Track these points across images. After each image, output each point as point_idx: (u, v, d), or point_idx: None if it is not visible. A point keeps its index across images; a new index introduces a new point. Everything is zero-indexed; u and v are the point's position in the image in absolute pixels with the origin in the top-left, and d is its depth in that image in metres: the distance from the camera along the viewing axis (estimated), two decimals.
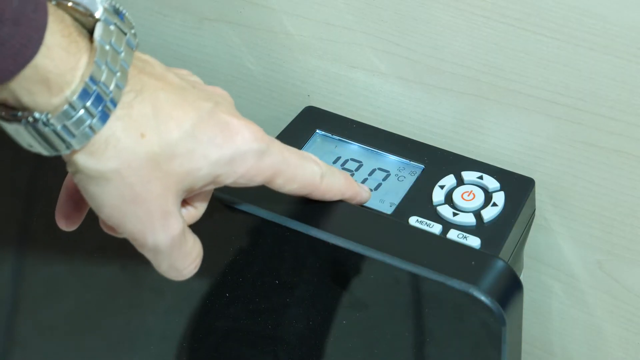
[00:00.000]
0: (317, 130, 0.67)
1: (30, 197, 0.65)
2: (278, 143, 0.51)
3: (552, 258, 0.68)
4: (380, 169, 0.65)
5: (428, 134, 0.68)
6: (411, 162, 0.65)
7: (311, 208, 0.55)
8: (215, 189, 0.52)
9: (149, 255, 0.49)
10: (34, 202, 0.65)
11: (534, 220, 0.66)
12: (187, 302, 0.61)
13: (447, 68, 0.65)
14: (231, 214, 0.55)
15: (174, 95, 0.47)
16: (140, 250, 0.49)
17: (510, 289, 0.52)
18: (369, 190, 0.58)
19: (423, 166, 0.65)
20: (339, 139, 0.67)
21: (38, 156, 0.63)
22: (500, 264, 0.53)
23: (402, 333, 0.55)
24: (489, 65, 0.63)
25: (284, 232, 0.54)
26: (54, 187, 0.64)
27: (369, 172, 0.65)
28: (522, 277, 0.66)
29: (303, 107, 0.71)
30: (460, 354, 0.54)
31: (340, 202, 0.55)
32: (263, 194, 0.56)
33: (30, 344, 0.71)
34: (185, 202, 0.51)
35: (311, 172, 0.53)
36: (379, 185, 0.64)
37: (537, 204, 0.66)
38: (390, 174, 0.65)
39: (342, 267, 0.54)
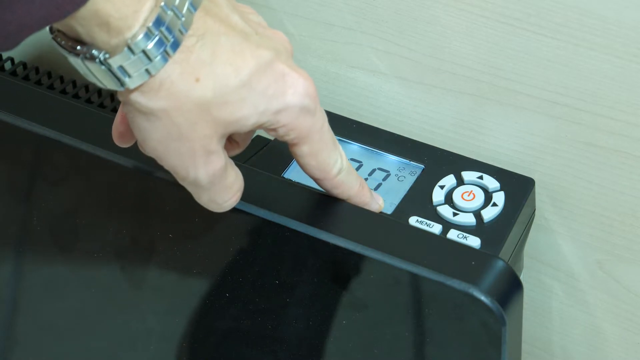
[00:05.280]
0: None
1: (30, 197, 0.65)
2: (324, 113, 0.51)
3: (552, 258, 0.68)
4: (380, 169, 0.65)
5: (428, 134, 0.68)
6: (411, 162, 0.65)
7: (311, 208, 0.55)
8: None
9: (189, 188, 0.50)
10: (34, 202, 0.65)
11: (534, 220, 0.66)
12: (187, 302, 0.61)
13: (447, 68, 0.65)
14: (231, 214, 0.56)
15: (235, 41, 0.47)
16: (180, 182, 0.50)
17: (510, 289, 0.52)
18: (381, 203, 0.57)
19: (423, 166, 0.65)
20: (339, 139, 0.67)
21: (38, 156, 0.63)
22: (500, 264, 0.53)
23: (402, 333, 0.55)
24: (489, 65, 0.63)
25: (284, 232, 0.54)
26: (54, 187, 0.64)
27: (369, 172, 0.65)
28: (522, 277, 0.66)
29: None
30: (460, 354, 0.54)
31: (340, 202, 0.55)
32: (263, 193, 0.56)
33: (30, 344, 0.71)
34: (228, 138, 0.52)
35: (334, 160, 0.53)
36: (379, 185, 0.64)
37: (537, 204, 0.66)
38: (390, 174, 0.65)
39: (342, 267, 0.54)
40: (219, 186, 0.50)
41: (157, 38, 0.44)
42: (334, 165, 0.53)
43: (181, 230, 0.59)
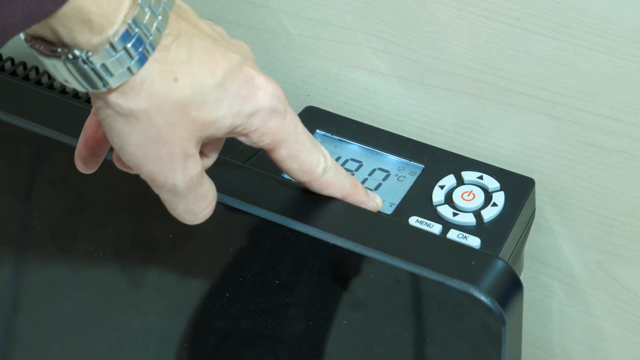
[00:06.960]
0: (317, 130, 0.67)
1: (30, 197, 0.65)
2: (296, 115, 0.52)
3: (552, 258, 0.68)
4: (380, 169, 0.65)
5: (428, 134, 0.68)
6: (411, 162, 0.65)
7: (311, 208, 0.55)
8: (219, 190, 0.52)
9: (166, 197, 0.50)
10: (34, 202, 0.65)
11: (534, 220, 0.66)
12: (187, 302, 0.61)
13: (447, 68, 0.65)
14: (231, 214, 0.56)
15: (207, 43, 0.48)
16: (157, 191, 0.50)
17: (510, 289, 0.52)
18: (378, 202, 0.57)
19: (423, 166, 0.65)
20: (339, 139, 0.67)
21: (38, 156, 0.63)
22: (500, 264, 0.53)
23: (402, 333, 0.55)
24: (489, 65, 0.63)
25: (284, 232, 0.54)
26: (54, 187, 0.64)
27: (369, 172, 0.65)
28: (522, 277, 0.66)
29: (303, 107, 0.71)
30: (460, 354, 0.54)
31: (339, 202, 0.55)
32: (263, 193, 0.56)
33: (30, 344, 0.71)
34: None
35: (316, 160, 0.53)
36: (379, 185, 0.64)
37: (537, 204, 0.66)
38: (390, 174, 0.65)
39: (342, 267, 0.54)
40: (196, 194, 0.50)
41: (137, 36, 0.45)
42: (318, 165, 0.53)
43: (181, 230, 0.59)
